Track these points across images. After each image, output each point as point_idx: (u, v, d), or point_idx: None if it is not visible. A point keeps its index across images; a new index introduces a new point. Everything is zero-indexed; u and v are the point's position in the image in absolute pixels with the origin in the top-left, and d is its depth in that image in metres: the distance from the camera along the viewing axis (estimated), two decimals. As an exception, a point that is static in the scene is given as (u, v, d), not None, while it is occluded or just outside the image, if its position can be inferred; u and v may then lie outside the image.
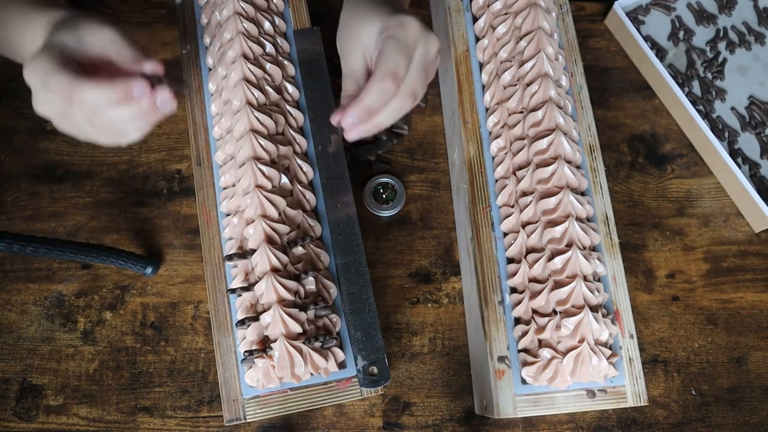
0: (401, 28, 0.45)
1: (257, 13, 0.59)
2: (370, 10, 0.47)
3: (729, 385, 0.62)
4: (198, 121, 0.59)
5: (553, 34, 0.60)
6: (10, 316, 0.61)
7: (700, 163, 0.70)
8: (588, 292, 0.51)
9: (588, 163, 0.58)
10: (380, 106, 0.45)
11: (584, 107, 0.61)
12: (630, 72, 0.74)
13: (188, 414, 0.58)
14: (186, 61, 0.62)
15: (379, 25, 0.46)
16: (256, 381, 0.50)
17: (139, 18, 0.72)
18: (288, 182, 0.54)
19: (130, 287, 0.62)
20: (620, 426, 0.60)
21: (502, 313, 0.53)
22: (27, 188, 0.65)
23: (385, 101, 0.45)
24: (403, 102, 0.45)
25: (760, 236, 0.67)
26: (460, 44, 0.63)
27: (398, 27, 0.45)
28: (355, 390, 0.52)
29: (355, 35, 0.47)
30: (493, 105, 0.60)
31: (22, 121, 0.67)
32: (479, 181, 0.58)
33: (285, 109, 0.57)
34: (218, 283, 0.54)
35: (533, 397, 0.51)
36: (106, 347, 0.60)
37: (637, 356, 0.53)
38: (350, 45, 0.47)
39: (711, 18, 0.76)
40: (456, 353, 0.61)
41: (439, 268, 0.64)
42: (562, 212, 0.53)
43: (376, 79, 0.44)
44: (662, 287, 0.65)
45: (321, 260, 0.54)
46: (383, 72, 0.44)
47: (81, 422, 0.58)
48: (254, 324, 0.49)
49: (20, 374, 0.59)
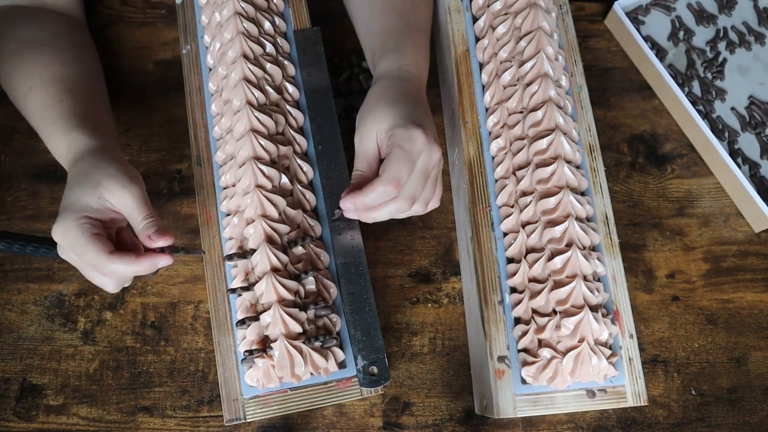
0: (408, 140, 0.48)
1: (257, 13, 0.59)
2: (390, 105, 0.51)
3: (729, 385, 0.62)
4: (198, 121, 0.59)
5: (553, 34, 0.60)
6: (10, 316, 0.61)
7: (700, 163, 0.70)
8: (588, 292, 0.51)
9: (588, 163, 0.58)
10: (378, 203, 0.49)
11: (584, 107, 0.61)
12: (630, 72, 0.74)
13: (188, 414, 0.58)
14: (186, 61, 0.62)
15: (392, 123, 0.49)
16: (256, 381, 0.50)
17: (139, 18, 0.72)
18: (288, 182, 0.54)
19: (130, 287, 0.62)
20: (620, 426, 0.60)
21: (502, 313, 0.53)
22: (27, 188, 0.65)
23: (383, 201, 0.49)
24: (401, 204, 0.49)
25: (760, 236, 0.67)
26: (460, 44, 0.63)
27: (406, 139, 0.48)
28: (355, 390, 0.52)
29: (372, 122, 0.50)
30: (493, 105, 0.60)
31: (22, 121, 0.67)
32: (479, 181, 0.58)
33: (285, 109, 0.57)
34: (218, 283, 0.54)
35: (533, 397, 0.51)
36: (106, 347, 0.60)
37: (637, 356, 0.53)
38: (367, 128, 0.51)
39: (711, 18, 0.76)
40: (456, 353, 0.61)
41: (439, 268, 0.64)
42: (562, 212, 0.53)
43: (379, 183, 0.48)
44: (662, 287, 0.65)
45: (321, 260, 0.54)
46: (387, 178, 0.48)
47: (81, 422, 0.58)
48: (254, 324, 0.49)
49: (20, 374, 0.59)
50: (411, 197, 0.49)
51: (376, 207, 0.49)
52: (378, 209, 0.49)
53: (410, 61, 0.55)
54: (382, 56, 0.55)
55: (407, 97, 0.52)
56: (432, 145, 0.49)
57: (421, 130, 0.49)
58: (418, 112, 0.51)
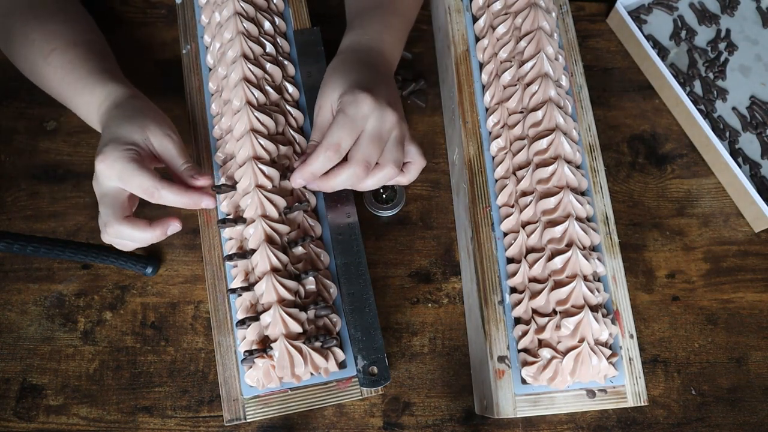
0: (353, 104, 0.49)
1: (257, 13, 0.59)
2: (342, 74, 0.52)
3: (729, 385, 0.62)
4: (198, 121, 0.59)
5: (553, 34, 0.60)
6: (10, 316, 0.61)
7: (700, 163, 0.70)
8: (588, 292, 0.51)
9: (588, 163, 0.58)
10: (323, 170, 0.50)
11: (584, 107, 0.61)
12: (630, 72, 0.74)
13: (188, 414, 0.58)
14: (186, 61, 0.62)
15: (342, 90, 0.50)
16: (256, 381, 0.50)
17: (139, 18, 0.72)
18: (288, 182, 0.54)
19: (130, 287, 0.62)
20: (620, 426, 0.60)
21: (502, 313, 0.53)
22: (27, 188, 0.65)
23: (327, 167, 0.49)
24: (355, 170, 0.49)
25: (760, 236, 0.67)
26: (460, 44, 0.62)
27: (351, 103, 0.49)
28: (355, 390, 0.52)
29: (328, 92, 0.52)
30: (493, 105, 0.60)
31: (22, 121, 0.67)
32: (479, 181, 0.58)
33: (285, 109, 0.57)
34: (218, 283, 0.54)
35: (533, 397, 0.51)
36: (106, 347, 0.60)
37: (637, 356, 0.53)
38: (323, 98, 0.52)
39: (713, 18, 0.75)
40: (456, 353, 0.61)
41: (439, 268, 0.64)
42: (562, 212, 0.53)
43: (320, 148, 0.49)
44: (662, 287, 0.65)
45: (321, 260, 0.54)
46: (326, 143, 0.49)
47: (81, 422, 0.58)
48: (254, 324, 0.49)
49: (20, 374, 0.59)
50: (364, 162, 0.49)
51: (330, 175, 0.50)
52: (332, 177, 0.50)
53: (372, 36, 0.56)
54: (347, 33, 0.57)
55: (361, 67, 0.53)
56: (383, 109, 0.49)
57: (369, 94, 0.49)
58: (369, 78, 0.51)
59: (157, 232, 0.49)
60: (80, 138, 0.67)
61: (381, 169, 0.50)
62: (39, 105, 0.67)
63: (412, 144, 0.53)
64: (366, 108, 0.49)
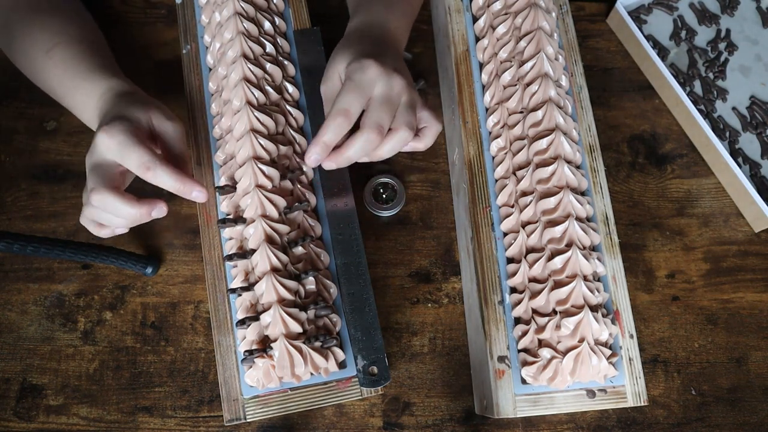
0: (359, 71, 0.49)
1: (257, 13, 0.59)
2: (348, 47, 0.52)
3: (729, 385, 0.62)
4: (198, 121, 0.59)
5: (553, 34, 0.60)
6: (10, 316, 0.61)
7: (700, 163, 0.70)
8: (588, 292, 0.51)
9: (588, 163, 0.58)
10: (336, 140, 0.48)
11: (584, 107, 0.60)
12: (630, 72, 0.74)
13: (188, 414, 0.58)
14: (186, 61, 0.62)
15: (348, 60, 0.50)
16: (256, 381, 0.50)
17: (139, 18, 0.72)
18: (288, 182, 0.54)
19: (130, 287, 0.62)
20: (620, 426, 0.60)
21: (502, 313, 0.53)
22: (27, 188, 0.65)
23: (340, 135, 0.48)
24: (369, 135, 0.48)
25: (760, 236, 0.67)
26: (460, 44, 0.62)
27: (357, 69, 0.49)
28: (355, 390, 0.52)
29: (335, 64, 0.52)
30: (493, 105, 0.60)
31: (22, 121, 0.67)
32: (479, 181, 0.58)
33: (285, 109, 0.57)
34: (218, 283, 0.54)
35: (533, 397, 0.51)
36: (106, 347, 0.60)
37: (637, 356, 0.53)
38: (330, 70, 0.52)
39: (713, 18, 0.75)
40: (456, 353, 0.61)
41: (439, 268, 0.64)
42: (562, 212, 0.53)
43: (329, 117, 0.48)
44: (662, 287, 0.65)
45: (321, 260, 0.54)
46: (335, 110, 0.48)
47: (81, 422, 0.58)
48: (254, 324, 0.49)
49: (20, 374, 0.59)
50: (377, 126, 0.48)
51: (344, 147, 0.49)
52: (346, 148, 0.49)
53: (376, 17, 0.56)
54: (352, 18, 0.58)
55: (366, 39, 0.53)
56: (390, 74, 0.49)
57: (374, 60, 0.49)
58: (376, 48, 0.51)
59: (143, 210, 0.48)
60: (80, 138, 0.67)
61: (395, 133, 0.49)
62: (39, 105, 0.67)
63: (424, 109, 0.52)
64: (372, 73, 0.48)
